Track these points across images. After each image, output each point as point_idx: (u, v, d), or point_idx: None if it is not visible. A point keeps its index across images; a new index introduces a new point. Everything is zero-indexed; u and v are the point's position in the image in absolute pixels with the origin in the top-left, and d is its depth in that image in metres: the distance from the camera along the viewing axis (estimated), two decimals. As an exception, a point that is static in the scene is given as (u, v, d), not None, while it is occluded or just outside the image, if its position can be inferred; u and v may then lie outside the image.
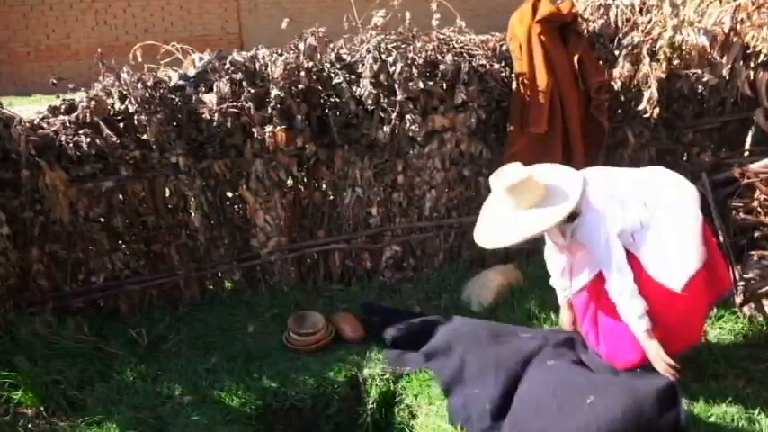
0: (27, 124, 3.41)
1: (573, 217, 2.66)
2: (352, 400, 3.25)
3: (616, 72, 3.79)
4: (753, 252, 3.35)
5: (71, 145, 3.40)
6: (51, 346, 3.36)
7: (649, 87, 3.66)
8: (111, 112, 3.53)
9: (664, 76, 3.69)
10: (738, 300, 3.30)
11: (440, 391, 3.02)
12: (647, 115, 3.74)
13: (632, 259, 2.66)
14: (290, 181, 3.83)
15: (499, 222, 2.72)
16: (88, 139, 3.41)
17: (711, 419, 2.63)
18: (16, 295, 3.58)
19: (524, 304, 3.60)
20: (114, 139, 3.45)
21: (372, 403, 3.20)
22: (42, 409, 3.08)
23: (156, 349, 3.51)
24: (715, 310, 3.35)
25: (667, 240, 2.66)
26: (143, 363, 3.38)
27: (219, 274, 4.00)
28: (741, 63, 3.86)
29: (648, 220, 2.67)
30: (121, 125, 3.53)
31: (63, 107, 3.56)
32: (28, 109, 3.78)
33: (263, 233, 3.88)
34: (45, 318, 3.48)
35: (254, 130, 3.56)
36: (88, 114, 3.45)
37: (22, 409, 3.09)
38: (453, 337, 3.23)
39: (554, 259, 3.05)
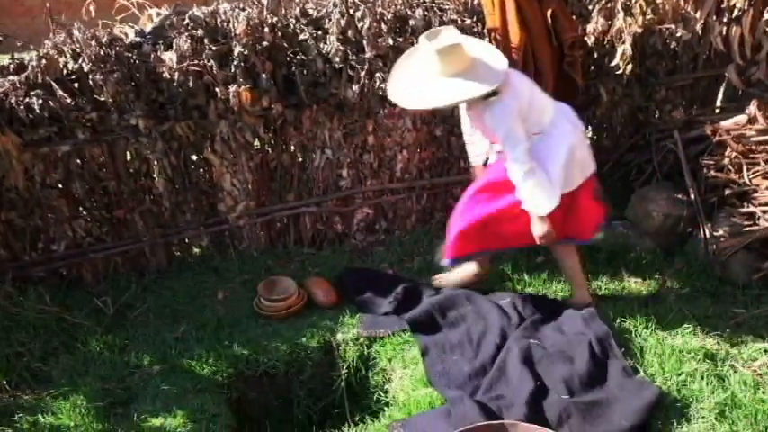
0: (-27, 86, 3.22)
1: (491, 95, 2.70)
2: (325, 366, 3.22)
3: (590, 27, 3.71)
4: (723, 210, 3.36)
5: (22, 107, 3.22)
6: (12, 317, 3.24)
7: (623, 43, 3.59)
8: (65, 72, 3.35)
9: (640, 30, 3.62)
10: (708, 258, 3.32)
11: (414, 355, 3.00)
12: (620, 71, 3.68)
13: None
14: (256, 143, 3.70)
15: (420, 83, 2.72)
16: (40, 101, 3.23)
17: (681, 377, 2.65)
18: (-28, 266, 3.44)
19: (497, 265, 3.58)
20: (69, 100, 3.28)
21: (346, 368, 3.17)
22: (5, 382, 2.98)
23: (123, 318, 3.42)
24: (685, 267, 3.37)
25: (555, 165, 2.83)
26: (109, 333, 3.29)
27: (186, 240, 3.90)
28: (714, 18, 3.80)
29: (549, 129, 2.87)
30: (76, 85, 3.35)
31: (12, 67, 3.36)
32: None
33: (230, 197, 3.77)
34: (4, 288, 3.34)
35: (217, 89, 3.41)
36: (39, 74, 3.27)
37: (-17, 383, 2.99)
38: (434, 308, 3.20)
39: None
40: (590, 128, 4.21)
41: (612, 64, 3.69)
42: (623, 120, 4.12)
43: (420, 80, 2.74)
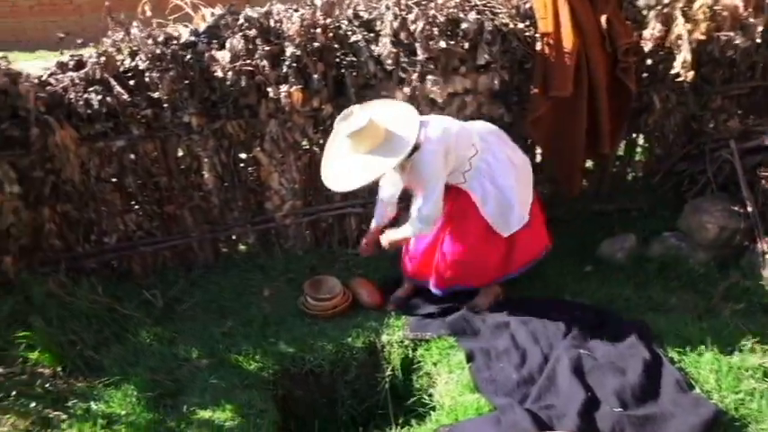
0: (35, 80, 3.31)
1: (413, 150, 2.85)
2: (370, 367, 3.23)
3: (646, 33, 3.63)
4: (782, 222, 3.27)
5: (81, 102, 3.30)
6: (66, 306, 3.32)
7: (682, 50, 3.51)
8: (122, 69, 3.42)
9: (703, 37, 3.53)
10: (766, 271, 3.23)
11: (459, 360, 2.98)
12: (680, 79, 3.59)
13: (461, 195, 3.07)
14: (305, 143, 3.73)
15: (343, 165, 2.89)
16: (99, 97, 3.31)
17: (739, 395, 2.58)
18: (29, 255, 3.53)
19: (543, 273, 3.54)
20: (125, 96, 3.34)
21: (391, 370, 3.17)
22: (59, 369, 3.05)
23: (171, 312, 3.47)
24: (741, 281, 3.28)
25: (502, 189, 3.05)
26: (158, 325, 3.35)
27: (234, 237, 3.94)
28: (774, 25, 3.70)
29: (478, 162, 3.04)
30: (132, 82, 3.42)
31: (71, 63, 3.44)
32: (33, 65, 3.66)
33: (277, 196, 3.80)
34: (59, 278, 3.43)
35: (268, 89, 3.44)
36: (98, 70, 3.34)
37: (39, 368, 3.07)
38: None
39: (389, 180, 3.22)
40: (642, 136, 4.13)
41: (673, 71, 3.60)
42: (676, 128, 4.03)
43: (343, 161, 2.90)
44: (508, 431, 2.30)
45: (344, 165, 2.88)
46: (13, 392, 2.90)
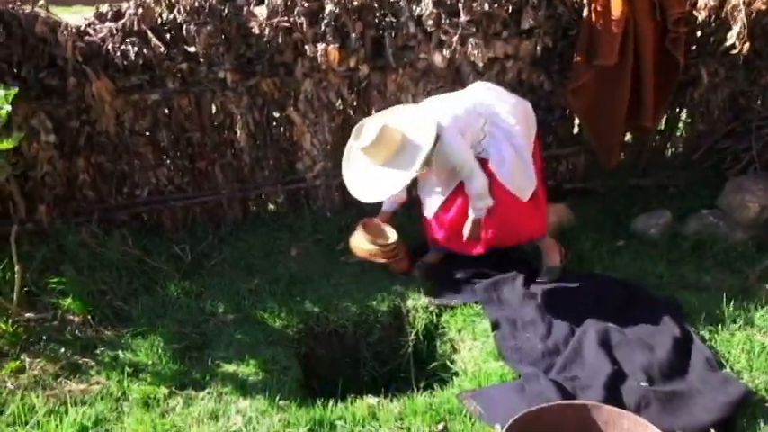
0: (73, 30, 3.31)
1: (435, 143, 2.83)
2: (394, 330, 3.22)
3: (701, 2, 3.48)
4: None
5: (118, 54, 3.30)
6: (97, 256, 3.38)
7: (739, 20, 3.34)
8: (159, 21, 3.40)
9: (763, 7, 3.37)
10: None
11: (485, 328, 2.96)
12: (734, 51, 3.43)
13: (485, 166, 2.98)
14: (339, 104, 3.69)
15: (364, 179, 2.92)
16: (135, 49, 3.31)
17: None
18: (63, 205, 3.59)
19: (576, 246, 3.48)
20: (162, 49, 3.33)
21: (414, 334, 3.17)
22: (89, 317, 3.11)
23: (199, 267, 3.50)
24: None
25: (511, 155, 2.99)
26: (186, 279, 3.38)
27: (263, 196, 3.95)
28: (834, -1, 3.52)
29: (490, 128, 2.99)
30: (169, 36, 3.40)
31: (110, 14, 3.43)
32: (71, 18, 3.66)
33: (309, 157, 3.79)
34: (91, 228, 3.49)
35: (305, 47, 3.40)
36: (136, 22, 3.33)
37: (69, 315, 3.13)
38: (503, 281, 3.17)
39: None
40: (685, 111, 4.00)
41: (727, 43, 3.45)
42: (722, 104, 3.89)
43: (364, 174, 2.92)
44: (532, 400, 2.27)
45: (366, 178, 2.91)
46: (44, 337, 2.97)
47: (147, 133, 3.61)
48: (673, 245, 3.43)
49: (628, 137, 4.01)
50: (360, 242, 3.24)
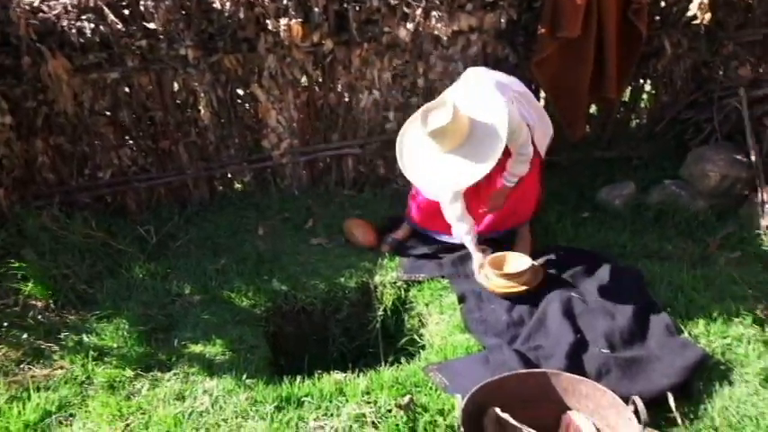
0: (26, 6, 3.20)
1: None
2: (362, 306, 3.23)
3: (661, -28, 3.50)
4: (786, 173, 3.22)
5: (74, 31, 3.21)
6: (59, 240, 3.31)
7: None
8: (116, -3, 3.31)
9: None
10: (764, 222, 3.20)
11: (451, 302, 2.98)
12: (696, 21, 3.46)
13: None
14: (304, 80, 3.64)
15: (431, 167, 2.67)
16: (92, 26, 3.22)
17: (727, 341, 2.58)
18: (22, 188, 3.51)
19: (541, 218, 3.51)
20: (120, 26, 3.25)
21: (383, 310, 3.18)
22: (52, 302, 3.06)
23: (165, 248, 3.47)
24: (738, 231, 3.25)
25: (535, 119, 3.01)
26: (152, 261, 3.34)
27: (229, 175, 3.91)
28: (795, -31, 3.56)
29: (513, 95, 2.89)
30: (126, 12, 3.31)
31: (64, -10, 3.33)
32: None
33: (275, 134, 3.75)
34: (52, 212, 3.41)
35: (268, 22, 3.34)
36: (91, -1, 3.24)
37: (31, 301, 3.08)
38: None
39: (452, 207, 3.01)
40: (649, 82, 4.03)
41: (689, 14, 3.47)
42: (685, 75, 3.92)
43: (429, 160, 2.68)
44: (496, 370, 2.30)
45: (432, 167, 2.67)
46: (5, 324, 2.92)
47: (108, 113, 3.53)
48: (636, 215, 3.48)
49: (593, 109, 4.03)
50: (496, 282, 2.96)
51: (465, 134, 2.61)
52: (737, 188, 3.40)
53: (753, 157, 3.34)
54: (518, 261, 2.97)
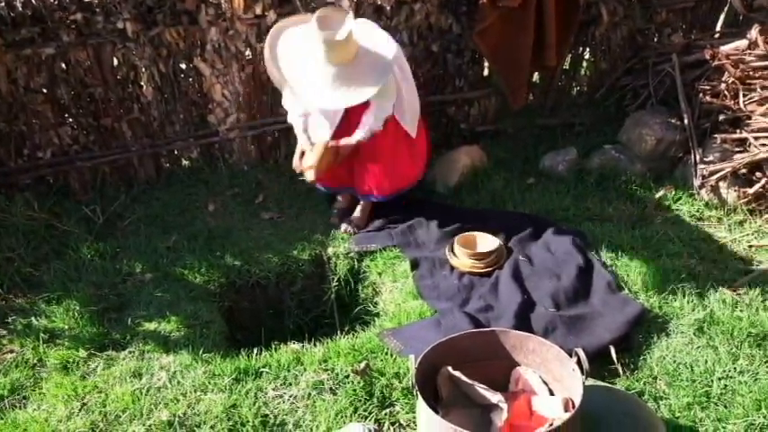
0: (-50, -21, 3.05)
1: None
2: (316, 278, 3.27)
3: (597, -58, 3.58)
4: (715, 135, 3.38)
5: (3, 4, 3.08)
6: (0, 223, 3.21)
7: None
8: (47, -31, 3.18)
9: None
10: (697, 182, 3.36)
11: (404, 270, 3.05)
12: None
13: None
14: (248, 53, 3.59)
15: (313, 71, 2.76)
16: (22, -1, 3.09)
17: (663, 295, 2.74)
18: (-44, 170, 3.38)
19: (488, 185, 3.60)
20: (52, -1, 3.14)
21: (337, 281, 3.22)
22: (-4, 286, 2.99)
23: (113, 228, 3.41)
24: (670, 192, 3.42)
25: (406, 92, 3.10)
26: (100, 241, 3.29)
27: (176, 152, 3.84)
28: (722, -62, 3.70)
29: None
30: (59, -16, 3.20)
31: (-10, -39, 3.18)
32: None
33: (220, 109, 3.70)
34: (-9, 195, 3.31)
35: (208, -6, 3.28)
36: (20, -30, 3.10)
37: (-26, 287, 2.99)
38: (419, 223, 3.26)
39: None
40: (588, 49, 4.14)
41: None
42: (622, 42, 4.05)
43: (312, 67, 2.75)
44: (447, 332, 2.38)
45: (315, 73, 2.74)
46: (-51, 310, 2.84)
47: (45, 90, 3.41)
48: (578, 180, 3.60)
49: (535, 78, 4.12)
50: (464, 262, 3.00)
51: (353, 54, 2.72)
52: (672, 151, 3.56)
53: (686, 121, 3.49)
54: (487, 241, 3.05)
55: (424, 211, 3.35)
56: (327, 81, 2.75)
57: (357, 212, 3.39)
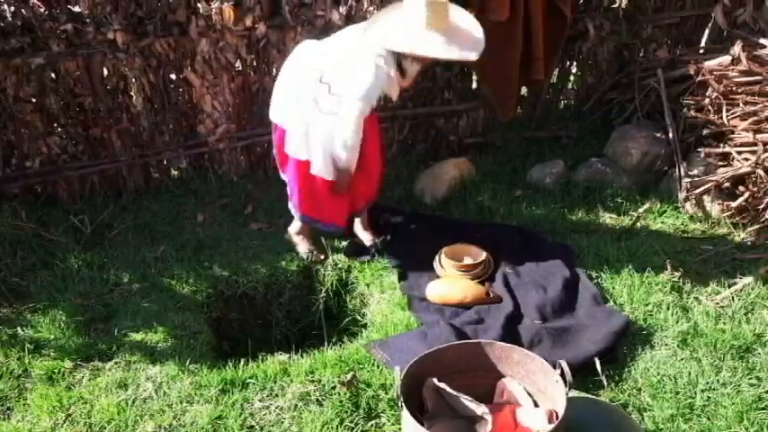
0: (-60, -11, 3.06)
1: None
2: (304, 289, 3.27)
3: (584, -42, 3.64)
4: (700, 150, 3.43)
5: (-7, 15, 3.09)
6: (-13, 232, 3.21)
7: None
8: (38, -21, 3.19)
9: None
10: (681, 195, 3.41)
11: (392, 281, 3.06)
12: (614, 6, 3.63)
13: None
14: (238, 64, 3.61)
15: (407, 28, 2.67)
16: (12, 8, 3.10)
17: (648, 307, 2.76)
18: (-56, 179, 3.37)
19: (476, 197, 3.63)
20: (42, 9, 3.14)
21: (325, 292, 3.23)
22: (-18, 296, 2.97)
23: (101, 237, 3.40)
24: (658, 204, 3.46)
25: None
26: (87, 251, 3.28)
27: (165, 162, 3.84)
28: (706, -44, 3.77)
29: None
30: (50, -6, 3.21)
31: (-19, -29, 3.19)
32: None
33: (210, 119, 3.71)
34: (-22, 204, 3.30)
35: (199, 5, 3.30)
36: (10, -20, 3.11)
37: (-40, 296, 2.98)
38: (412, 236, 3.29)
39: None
40: (575, 64, 4.20)
41: (609, -3, 3.64)
42: (608, 57, 4.11)
43: (406, 25, 2.67)
44: (433, 344, 2.39)
45: (405, 28, 2.65)
46: (-66, 319, 2.82)
47: (34, 100, 3.41)
48: (565, 192, 3.64)
49: (523, 91, 4.17)
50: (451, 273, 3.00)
51: (450, 22, 2.66)
52: (657, 164, 3.60)
53: (670, 135, 3.54)
54: (474, 253, 3.07)
55: (411, 223, 3.37)
56: (439, 39, 2.65)
57: (363, 229, 3.33)
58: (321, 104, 2.75)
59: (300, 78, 2.83)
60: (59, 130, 3.55)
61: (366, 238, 3.30)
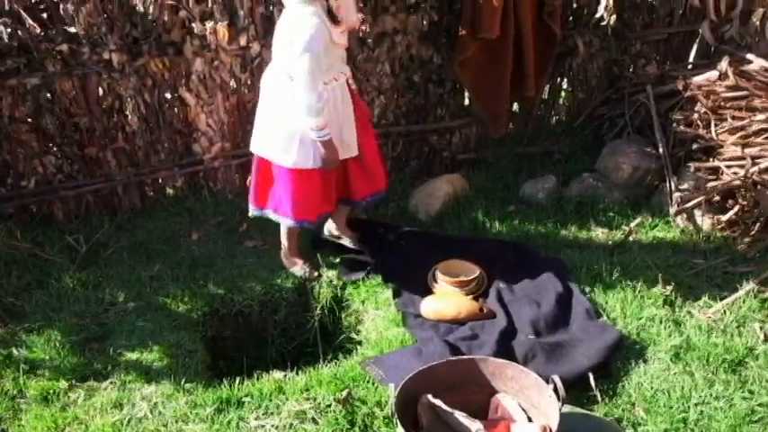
0: (-63, 11, 3.09)
1: None
2: (299, 306, 3.28)
3: (574, -25, 3.70)
4: (689, 164, 3.47)
5: (-11, 36, 3.12)
6: (-18, 252, 3.21)
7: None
8: (34, 0, 3.23)
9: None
10: (672, 209, 3.44)
11: (386, 298, 3.08)
12: (603, 23, 3.69)
13: None
14: (233, 83, 3.65)
15: None
16: (8, 30, 3.13)
17: (641, 321, 2.79)
18: (-61, 199, 3.38)
19: (470, 213, 3.65)
20: (38, 30, 3.18)
21: (320, 309, 3.24)
22: (-24, 317, 2.98)
23: (96, 256, 3.41)
24: (650, 219, 3.49)
25: None
26: (82, 270, 3.29)
27: (160, 181, 3.86)
28: (692, -27, 3.84)
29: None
30: (45, 15, 3.24)
31: (-23, -6, 3.22)
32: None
33: (205, 138, 3.73)
34: (-27, 224, 3.30)
35: (193, 25, 3.34)
36: (7, 1, 3.14)
37: (-46, 316, 2.98)
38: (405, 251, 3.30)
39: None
40: (566, 80, 4.25)
41: (597, 15, 3.69)
42: (598, 73, 4.17)
43: None
44: (428, 360, 2.41)
45: None
46: (-72, 340, 2.82)
47: (30, 120, 3.43)
48: (558, 207, 3.67)
49: (515, 107, 4.21)
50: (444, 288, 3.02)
51: None
52: (648, 179, 3.64)
53: (660, 150, 3.58)
54: (468, 269, 3.09)
55: (406, 239, 3.39)
56: None
57: (335, 227, 3.37)
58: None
59: (272, 89, 2.86)
60: (55, 149, 3.57)
61: (346, 239, 3.35)
